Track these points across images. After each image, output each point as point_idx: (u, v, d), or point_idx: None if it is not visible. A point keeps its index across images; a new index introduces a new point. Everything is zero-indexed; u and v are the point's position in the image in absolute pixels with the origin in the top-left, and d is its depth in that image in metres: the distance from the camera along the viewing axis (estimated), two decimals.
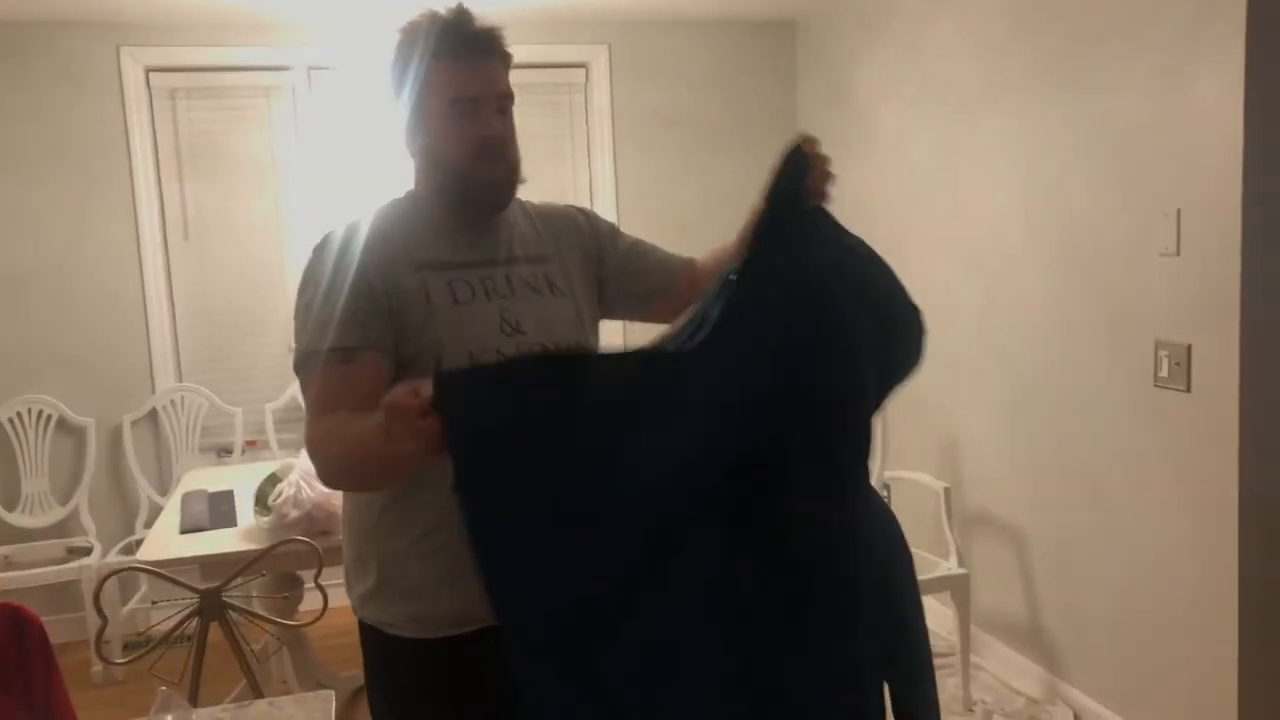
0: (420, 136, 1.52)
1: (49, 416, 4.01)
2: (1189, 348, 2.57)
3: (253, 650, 2.21)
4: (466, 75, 1.48)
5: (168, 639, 1.95)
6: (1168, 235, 2.60)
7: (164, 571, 2.05)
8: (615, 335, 4.52)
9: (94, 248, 4.06)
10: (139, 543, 3.89)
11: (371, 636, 1.56)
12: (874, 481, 3.60)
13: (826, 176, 1.47)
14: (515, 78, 1.60)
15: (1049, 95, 3.05)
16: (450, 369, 1.34)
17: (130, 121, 4.05)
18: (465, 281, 1.50)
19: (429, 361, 1.43)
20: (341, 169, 4.25)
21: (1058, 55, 3.00)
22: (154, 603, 3.95)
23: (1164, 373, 2.65)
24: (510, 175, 1.54)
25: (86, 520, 4.02)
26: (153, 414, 4.15)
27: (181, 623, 1.96)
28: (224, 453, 4.24)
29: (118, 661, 1.83)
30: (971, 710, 3.19)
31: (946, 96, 3.57)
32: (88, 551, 3.87)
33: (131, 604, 3.96)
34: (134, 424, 4.11)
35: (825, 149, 1.52)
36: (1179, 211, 2.57)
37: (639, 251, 1.72)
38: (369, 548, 1.53)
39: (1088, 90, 2.88)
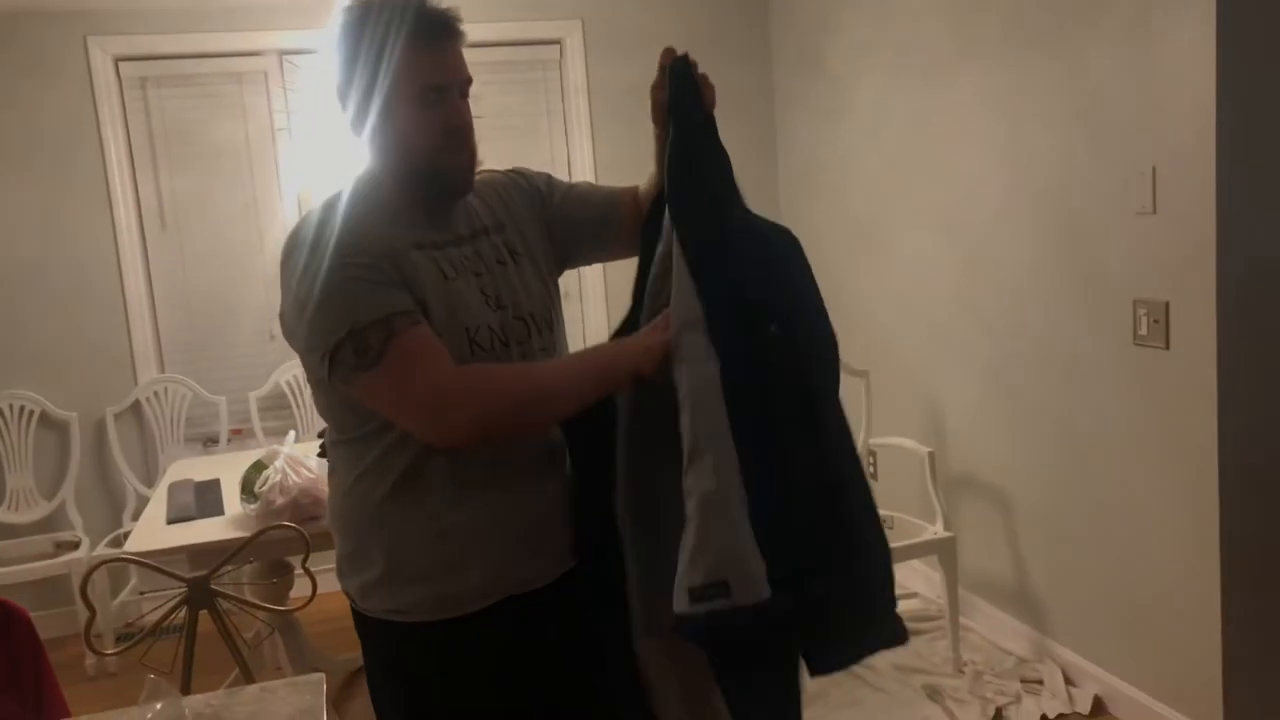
0: (385, 123, 1.49)
1: (31, 412, 3.99)
2: (1167, 305, 2.59)
3: (244, 638, 2.21)
4: (436, 62, 1.46)
5: (157, 629, 1.95)
6: (1144, 193, 2.61)
7: (151, 562, 2.04)
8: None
9: (70, 241, 4.02)
10: (127, 535, 3.88)
11: (377, 629, 1.54)
12: (859, 449, 3.62)
13: (710, 88, 1.57)
14: (490, 56, 1.61)
15: (1021, 56, 3.04)
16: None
17: (101, 112, 4.01)
18: (447, 260, 1.49)
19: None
20: (318, 154, 4.22)
21: (1028, 15, 3.00)
22: (143, 593, 3.96)
23: (1143, 331, 2.67)
24: (473, 161, 1.53)
25: (73, 514, 4.01)
26: (136, 406, 4.13)
27: (170, 612, 1.96)
28: (209, 442, 4.23)
29: (108, 653, 1.83)
30: (962, 671, 3.22)
31: (919, 61, 3.57)
32: (76, 545, 3.87)
33: (122, 596, 3.96)
34: (117, 416, 4.10)
35: (802, 119, 1.58)
36: (1154, 169, 2.57)
37: (579, 192, 1.73)
38: (371, 538, 1.50)
39: (1059, 49, 2.88)
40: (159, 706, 1.28)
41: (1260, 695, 2.60)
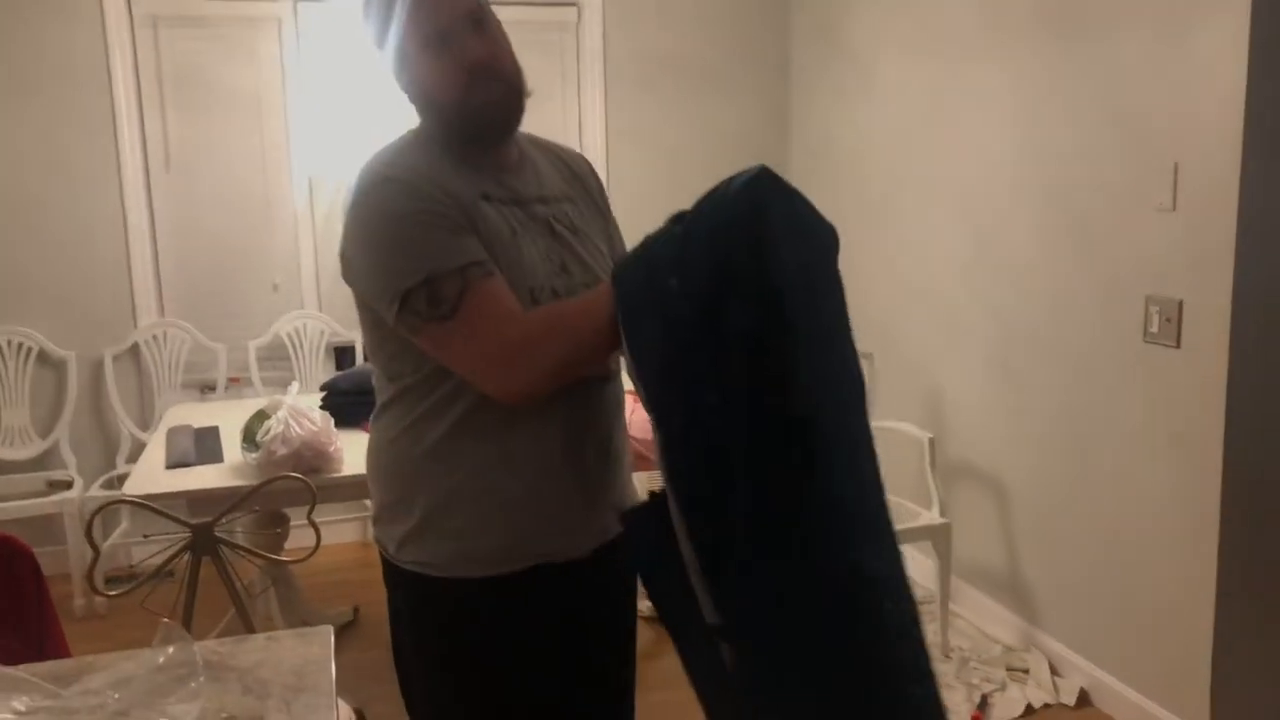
0: (409, 82, 1.46)
1: (29, 349, 3.96)
2: (1180, 303, 2.59)
3: (247, 585, 2.21)
4: (429, 8, 1.41)
5: (159, 573, 1.94)
6: (1164, 190, 2.60)
7: (157, 506, 2.04)
8: None
9: (75, 179, 3.98)
10: (120, 478, 3.88)
11: (407, 580, 1.52)
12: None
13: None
14: (506, 14, 1.54)
15: (1046, 43, 3.02)
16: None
17: (111, 49, 3.95)
18: (515, 216, 1.46)
19: None
20: (329, 103, 4.18)
21: (1052, 4, 2.97)
22: (145, 536, 3.93)
23: (1154, 328, 2.67)
24: (509, 92, 1.47)
25: (67, 454, 3.99)
26: (134, 349, 4.10)
27: (172, 558, 1.95)
28: (207, 389, 4.20)
29: (112, 594, 1.82)
30: (949, 657, 3.24)
31: (941, 42, 3.54)
32: (68, 485, 3.85)
33: (112, 539, 3.95)
34: (115, 358, 4.07)
35: (818, 95, 1.52)
36: (1176, 165, 2.56)
37: (616, 238, 1.69)
38: (413, 489, 1.49)
39: (1085, 38, 2.86)
40: (171, 650, 1.27)
41: (1248, 695, 2.62)
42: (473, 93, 1.42)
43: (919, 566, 3.77)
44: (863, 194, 4.06)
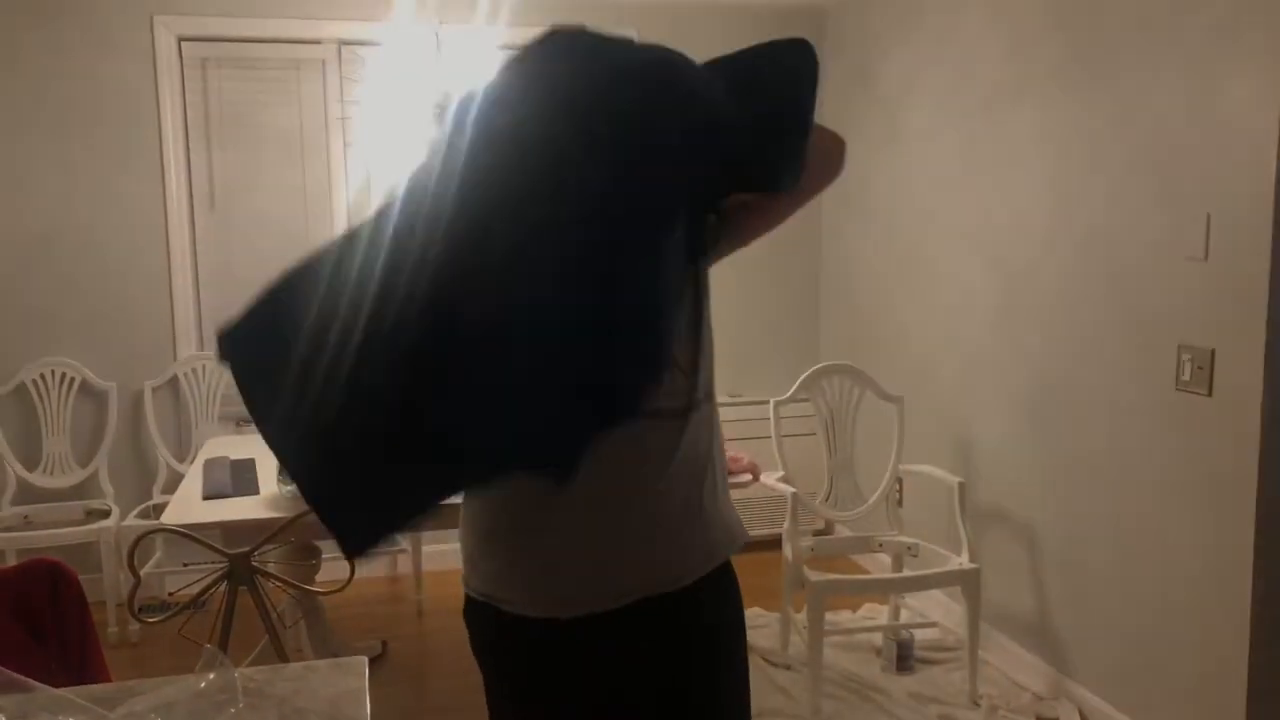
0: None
1: (71, 379, 4.05)
2: (1212, 352, 2.59)
3: (279, 615, 2.24)
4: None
5: (196, 602, 1.98)
6: (1196, 239, 2.61)
7: (196, 535, 2.08)
8: None
9: (121, 213, 4.09)
10: (157, 508, 3.94)
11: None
12: (888, 475, 3.63)
13: None
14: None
15: (1078, 91, 3.05)
16: None
17: (161, 89, 4.07)
18: None
19: None
20: (371, 144, 4.28)
21: (1088, 50, 3.00)
22: (184, 565, 4.00)
23: (1186, 376, 2.67)
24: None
25: (105, 483, 4.06)
26: (174, 381, 4.18)
27: (211, 585, 1.99)
28: (243, 422, 4.26)
29: (150, 620, 1.86)
30: (977, 704, 3.22)
31: (974, 90, 3.58)
32: (106, 514, 3.91)
33: (147, 568, 4.00)
34: (155, 390, 4.15)
35: (850, 140, 1.46)
36: (1209, 215, 2.57)
37: None
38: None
39: (1118, 87, 2.89)
40: (212, 676, 1.30)
41: None
42: None
43: (946, 611, 3.75)
44: (895, 240, 4.09)
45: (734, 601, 1.44)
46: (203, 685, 1.30)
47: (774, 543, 3.65)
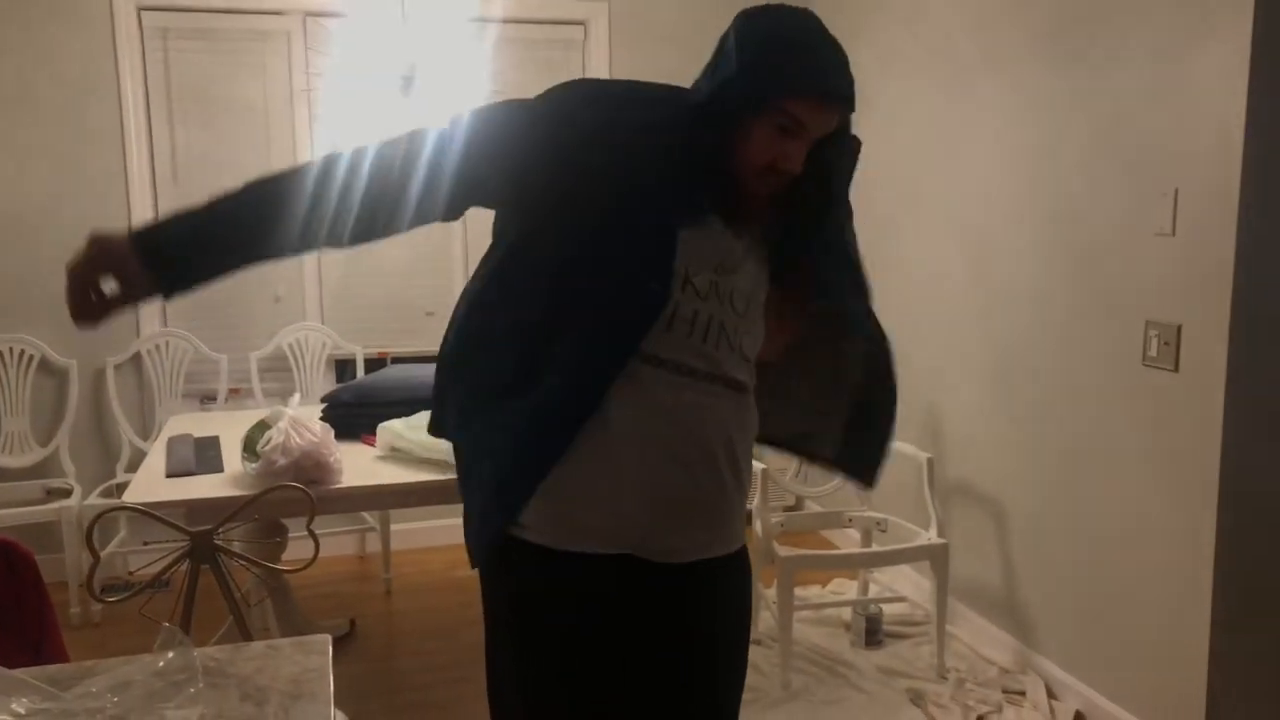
0: (725, 103, 1.40)
1: (31, 356, 3.98)
2: (1179, 328, 2.60)
3: (244, 594, 2.21)
4: (811, 111, 1.39)
5: (157, 581, 1.94)
6: (1164, 215, 2.62)
7: (158, 514, 2.04)
8: None
9: (81, 187, 4.00)
10: (120, 486, 3.89)
11: None
12: None
13: None
14: (513, 32, 1.56)
15: (1048, 70, 3.05)
16: None
17: (121, 60, 3.99)
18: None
19: None
20: (336, 118, 4.21)
21: (1057, 27, 3.00)
22: (145, 543, 3.96)
23: (1153, 352, 2.68)
24: (767, 201, 1.46)
25: (66, 462, 4.00)
26: (136, 358, 4.12)
27: (172, 564, 1.95)
28: (207, 400, 4.22)
29: (109, 600, 1.82)
30: (945, 678, 3.24)
31: (943, 68, 3.57)
32: (67, 493, 3.85)
33: (110, 547, 3.95)
34: (117, 368, 4.08)
35: None
36: (1176, 191, 2.58)
37: None
38: None
39: (1086, 65, 2.89)
40: (171, 655, 1.28)
41: (1243, 718, 2.62)
42: (756, 180, 1.42)
43: (915, 586, 3.77)
44: (865, 216, 4.05)
45: None
46: (161, 665, 1.27)
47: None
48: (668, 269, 1.38)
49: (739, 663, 1.63)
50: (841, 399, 1.65)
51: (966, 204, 3.48)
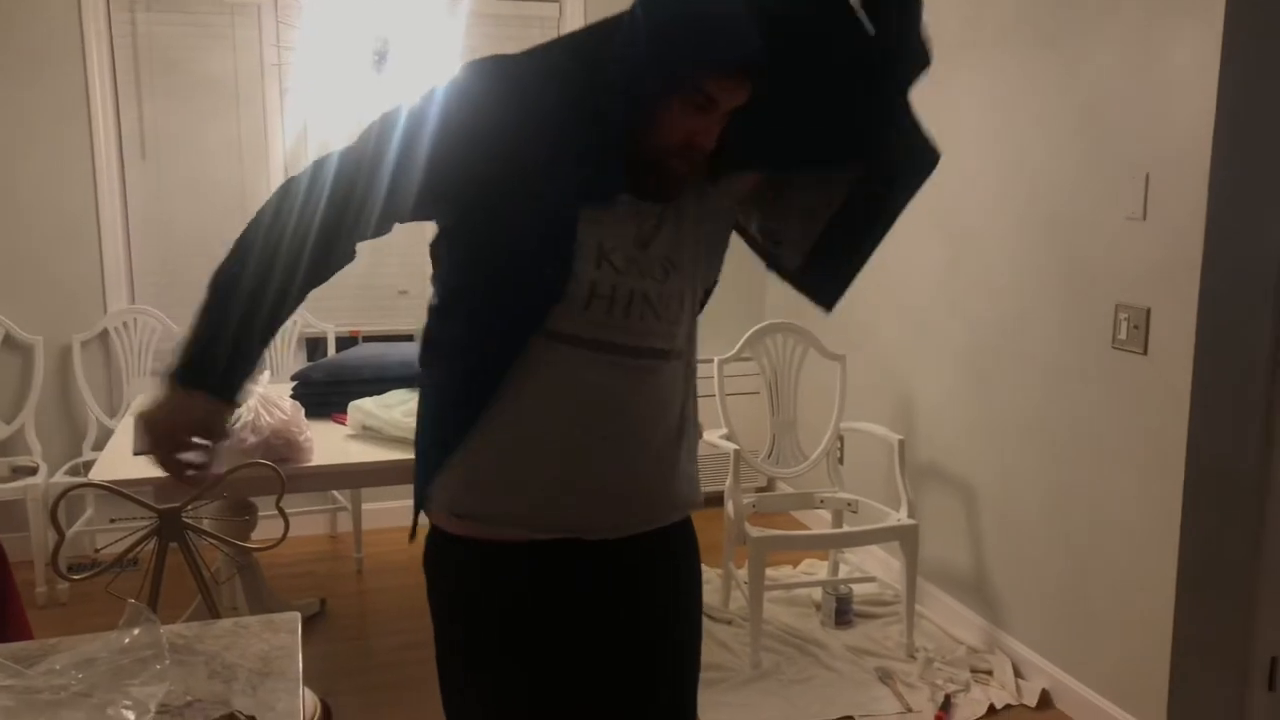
0: (636, 79, 1.34)
1: None
2: (1148, 311, 2.62)
3: (213, 572, 2.19)
4: (727, 89, 1.34)
5: (123, 559, 1.92)
6: (1135, 199, 2.64)
7: (125, 491, 2.02)
8: None
9: (46, 162, 3.93)
10: (87, 464, 3.84)
11: None
12: (829, 433, 3.65)
13: None
14: (486, 7, 1.51)
15: (1021, 53, 3.05)
16: None
17: (87, 30, 3.91)
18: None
19: None
20: (307, 92, 4.16)
21: (1031, 12, 3.00)
22: (111, 521, 3.92)
23: (1122, 335, 2.70)
24: (686, 178, 1.42)
25: (32, 440, 3.95)
26: (104, 335, 4.06)
27: (139, 542, 1.93)
28: None
29: (75, 578, 1.80)
30: (914, 656, 3.27)
31: None
32: (33, 471, 3.80)
33: (77, 526, 3.91)
34: (84, 344, 4.03)
35: None
36: (1148, 175, 2.60)
37: None
38: None
39: (1059, 48, 2.89)
40: (136, 632, 1.26)
41: (1206, 699, 2.66)
42: (673, 157, 1.38)
43: (884, 567, 3.80)
44: None
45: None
46: (126, 641, 1.26)
47: (716, 499, 3.67)
48: (568, 250, 1.35)
49: (689, 636, 1.65)
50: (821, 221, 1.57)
51: (941, 187, 3.47)
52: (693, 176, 1.43)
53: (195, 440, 1.34)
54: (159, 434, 1.33)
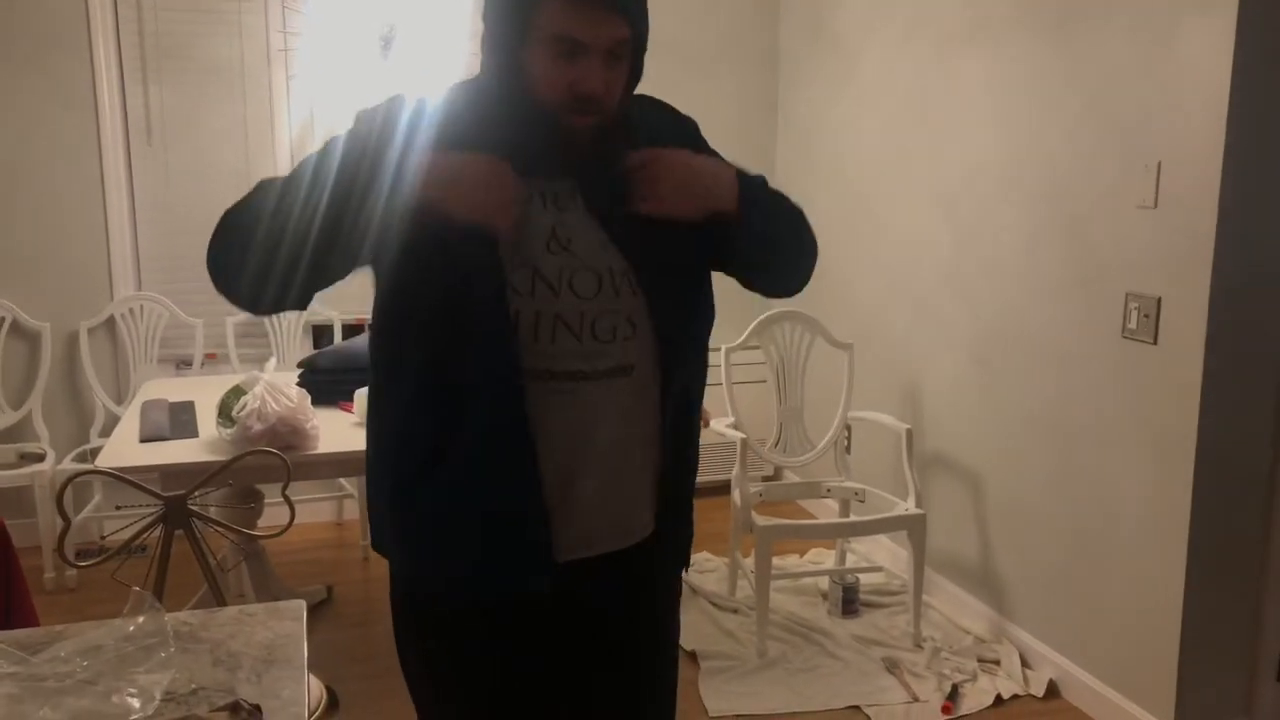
0: (507, 50, 1.32)
1: (2, 319, 3.91)
2: (1159, 300, 2.60)
3: (218, 560, 2.19)
4: (574, 19, 1.27)
5: (130, 546, 1.92)
6: (1146, 187, 2.61)
7: (131, 478, 2.02)
8: None
9: (52, 148, 3.93)
10: (94, 451, 3.84)
11: None
12: (837, 422, 3.64)
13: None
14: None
15: (1033, 39, 3.03)
16: None
17: (93, 15, 3.90)
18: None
19: None
20: (314, 77, 4.15)
21: None
22: (118, 508, 3.93)
23: (1132, 324, 2.69)
24: (597, 128, 1.35)
25: (40, 426, 3.95)
26: (110, 322, 4.06)
27: (145, 529, 1.93)
28: (183, 364, 4.17)
29: (81, 565, 1.80)
30: (920, 647, 3.26)
31: (928, 35, 3.54)
32: (41, 458, 3.81)
33: (84, 512, 3.92)
34: (91, 331, 4.03)
35: (805, 83, 1.48)
36: (1159, 164, 2.58)
37: None
38: None
39: (1071, 35, 2.87)
40: (141, 620, 1.26)
41: (1214, 690, 2.65)
42: (567, 114, 1.32)
43: (892, 556, 3.79)
44: (846, 185, 4.06)
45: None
46: (131, 629, 1.25)
47: (723, 488, 3.66)
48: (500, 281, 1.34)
49: (664, 650, 1.62)
50: None
51: (948, 174, 3.47)
52: (610, 137, 1.37)
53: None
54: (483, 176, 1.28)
